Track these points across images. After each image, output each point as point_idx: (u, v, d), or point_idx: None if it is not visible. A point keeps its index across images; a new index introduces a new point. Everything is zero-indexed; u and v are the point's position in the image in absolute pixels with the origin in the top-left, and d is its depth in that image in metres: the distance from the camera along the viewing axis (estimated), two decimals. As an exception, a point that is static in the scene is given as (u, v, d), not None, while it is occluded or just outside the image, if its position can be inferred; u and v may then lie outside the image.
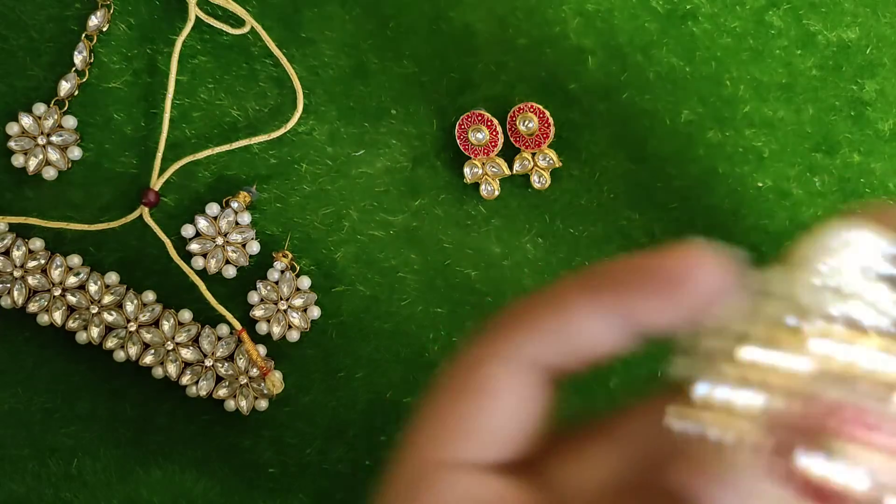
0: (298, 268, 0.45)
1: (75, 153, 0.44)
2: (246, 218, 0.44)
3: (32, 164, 0.43)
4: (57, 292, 0.43)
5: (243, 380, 0.44)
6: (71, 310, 0.43)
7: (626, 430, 0.19)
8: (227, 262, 0.44)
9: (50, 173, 0.44)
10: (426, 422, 0.20)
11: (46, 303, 0.43)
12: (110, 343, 0.43)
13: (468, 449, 0.19)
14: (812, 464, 0.14)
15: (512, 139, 0.45)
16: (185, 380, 0.43)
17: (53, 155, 0.43)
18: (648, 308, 0.18)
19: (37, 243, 0.43)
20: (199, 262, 0.44)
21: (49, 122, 0.43)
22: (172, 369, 0.43)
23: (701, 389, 0.16)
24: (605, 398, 0.45)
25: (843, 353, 0.14)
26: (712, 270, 0.17)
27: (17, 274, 0.43)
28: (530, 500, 0.19)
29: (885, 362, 0.14)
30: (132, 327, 0.43)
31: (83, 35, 0.44)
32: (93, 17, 0.44)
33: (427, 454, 0.19)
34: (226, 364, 0.44)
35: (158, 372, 0.43)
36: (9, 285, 0.43)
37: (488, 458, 0.19)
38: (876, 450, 0.13)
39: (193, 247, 0.44)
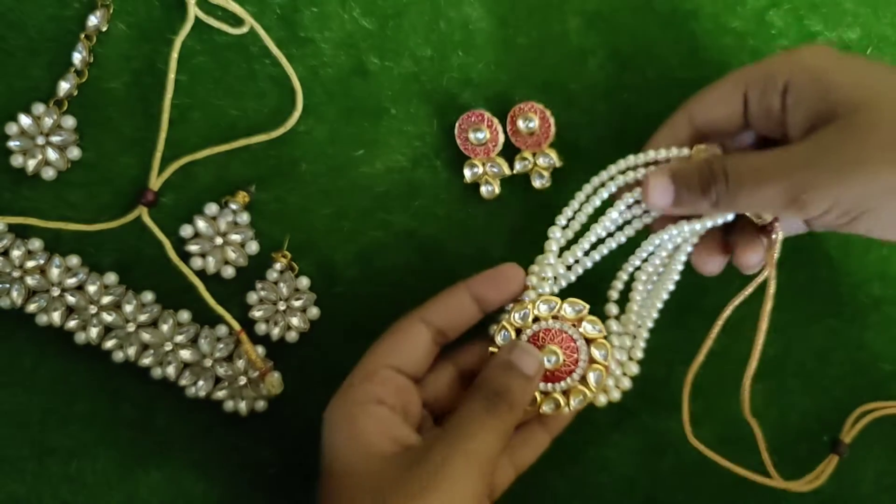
0: (297, 268, 0.45)
1: (74, 153, 0.44)
2: (245, 218, 0.44)
3: (31, 164, 0.43)
4: (56, 293, 0.43)
5: (242, 381, 0.43)
6: (70, 310, 0.43)
7: (466, 355, 0.41)
8: (226, 262, 0.44)
9: (49, 173, 0.44)
10: (378, 345, 0.39)
11: (45, 303, 0.43)
12: (109, 343, 0.43)
13: (394, 360, 0.39)
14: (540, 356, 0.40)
15: (512, 139, 0.45)
16: (183, 380, 0.43)
17: (52, 155, 0.43)
18: (491, 292, 0.40)
19: (35, 244, 0.43)
20: (197, 263, 0.44)
21: (48, 123, 0.43)
22: (171, 370, 0.43)
23: (501, 335, 0.41)
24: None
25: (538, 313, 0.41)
26: (517, 274, 0.41)
27: (16, 274, 0.43)
28: (418, 394, 0.40)
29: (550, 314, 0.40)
30: (131, 328, 0.43)
31: (82, 35, 0.44)
32: (92, 16, 0.44)
33: (376, 359, 0.39)
34: (225, 365, 0.44)
35: (157, 372, 0.43)
36: (8, 286, 0.43)
37: (402, 369, 0.39)
38: (557, 345, 0.40)
39: (192, 247, 0.44)
